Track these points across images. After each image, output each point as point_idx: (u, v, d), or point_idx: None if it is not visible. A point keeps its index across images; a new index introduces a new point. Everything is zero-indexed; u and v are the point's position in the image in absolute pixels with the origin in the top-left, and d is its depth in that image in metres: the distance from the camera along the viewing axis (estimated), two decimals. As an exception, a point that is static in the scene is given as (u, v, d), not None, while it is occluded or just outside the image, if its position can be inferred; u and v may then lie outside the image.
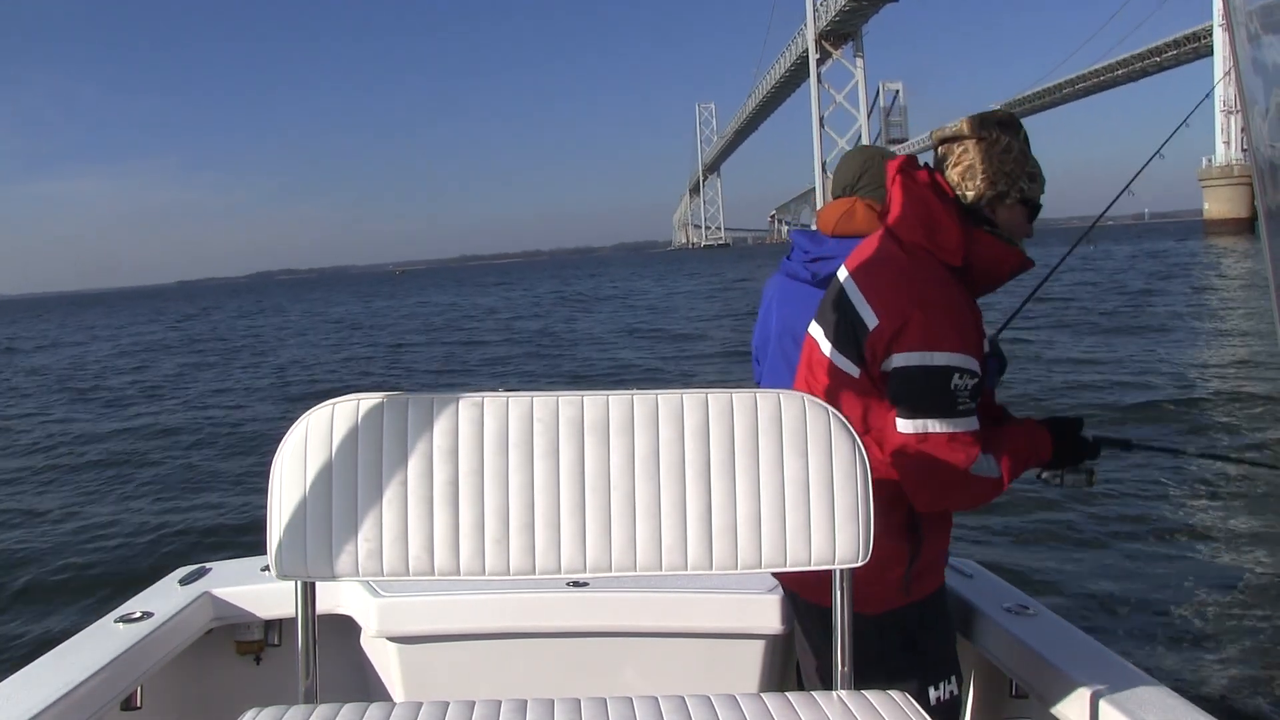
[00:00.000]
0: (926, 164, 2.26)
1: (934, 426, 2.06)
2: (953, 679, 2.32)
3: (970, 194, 2.15)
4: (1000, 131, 2.15)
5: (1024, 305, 3.42)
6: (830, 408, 1.97)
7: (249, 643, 2.94)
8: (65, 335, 50.30)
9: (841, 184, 2.84)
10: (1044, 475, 2.41)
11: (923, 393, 2.07)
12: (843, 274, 2.27)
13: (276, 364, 25.05)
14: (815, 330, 2.33)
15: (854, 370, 2.18)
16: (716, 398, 1.96)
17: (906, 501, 2.16)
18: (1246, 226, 71.07)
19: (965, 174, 2.15)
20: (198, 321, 55.18)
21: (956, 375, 2.04)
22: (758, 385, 3.01)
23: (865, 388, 2.17)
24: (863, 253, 2.27)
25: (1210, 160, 77.19)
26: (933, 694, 2.26)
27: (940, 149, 2.23)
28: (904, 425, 2.09)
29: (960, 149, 2.17)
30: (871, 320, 2.13)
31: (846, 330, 2.19)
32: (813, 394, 2.07)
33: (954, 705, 2.32)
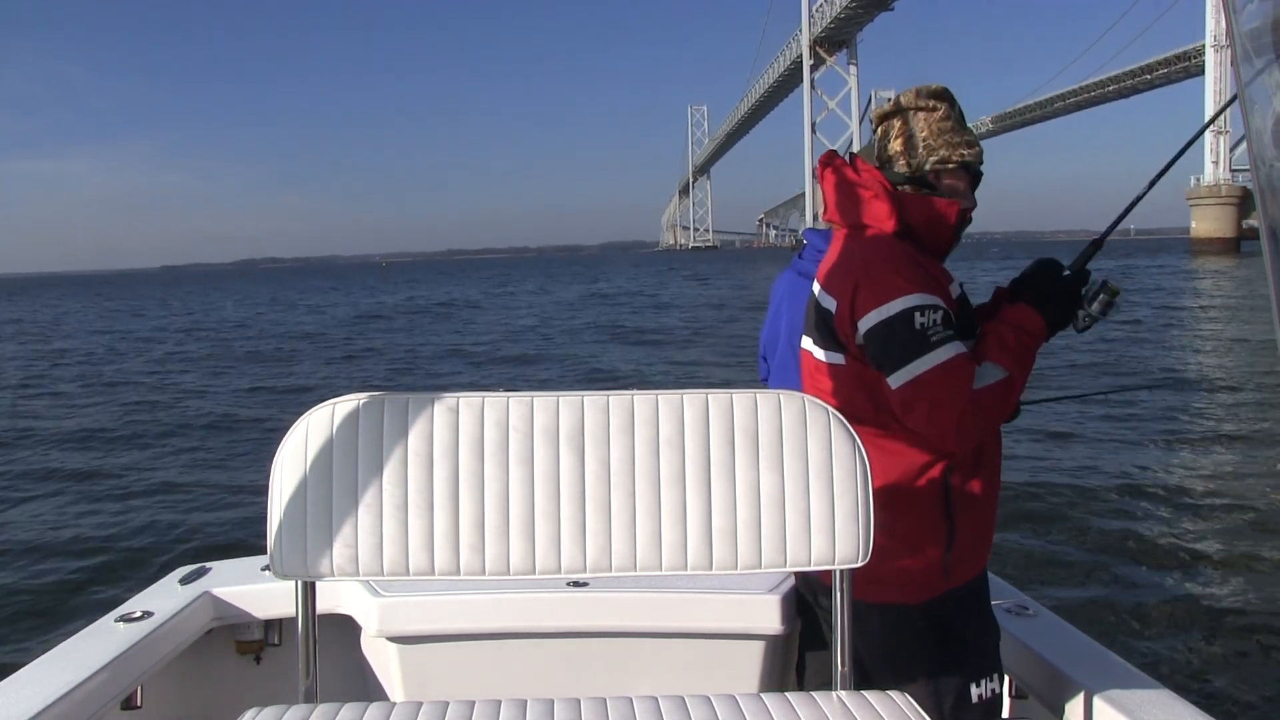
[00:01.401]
0: (850, 153, 2.33)
1: (919, 368, 2.05)
2: (995, 676, 2.26)
3: (914, 162, 2.20)
4: (934, 100, 2.21)
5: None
6: (830, 408, 1.97)
7: (249, 642, 2.93)
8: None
9: None
10: (1076, 328, 2.30)
11: (894, 343, 2.07)
12: (815, 283, 2.32)
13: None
14: (806, 342, 2.35)
15: (840, 359, 2.21)
16: (716, 398, 1.97)
17: (939, 475, 2.16)
18: (1233, 246, 71.60)
19: (906, 144, 2.20)
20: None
21: (918, 314, 2.05)
22: (764, 383, 3.03)
23: (857, 370, 2.18)
24: (826, 257, 2.34)
25: (1199, 179, 77.70)
26: (974, 691, 2.22)
27: (880, 126, 2.27)
28: (894, 381, 2.09)
29: (900, 122, 2.22)
30: (832, 304, 2.19)
31: (822, 325, 2.24)
32: (822, 399, 2.08)
33: (995, 704, 2.28)
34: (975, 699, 2.22)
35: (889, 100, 2.30)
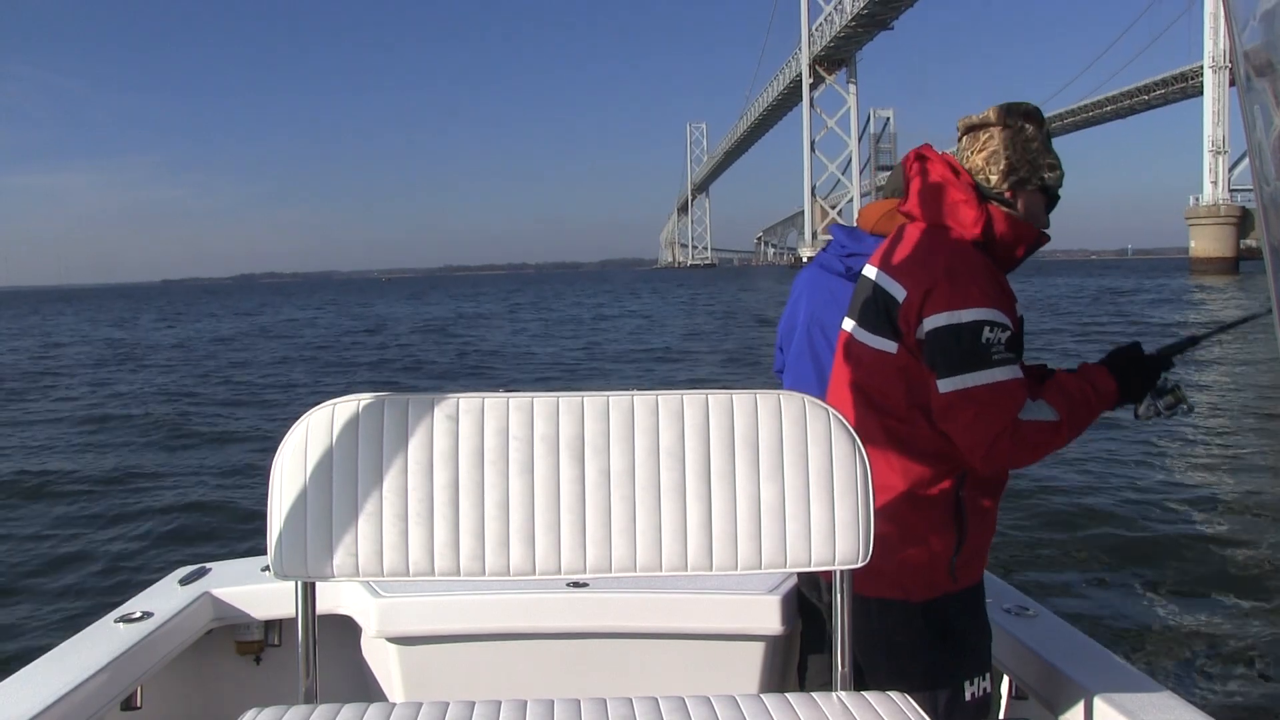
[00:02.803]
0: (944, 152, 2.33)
1: (973, 380, 2.06)
2: (987, 676, 2.29)
3: (994, 178, 2.21)
4: (1025, 121, 2.22)
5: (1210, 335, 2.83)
6: (830, 408, 1.97)
7: (249, 643, 2.93)
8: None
9: (893, 187, 2.88)
10: (1138, 412, 2.31)
11: (956, 350, 2.08)
12: (869, 269, 2.32)
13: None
14: (847, 324, 2.35)
15: (891, 347, 2.20)
16: (717, 398, 1.97)
17: (951, 484, 2.16)
18: (1231, 266, 71.84)
19: (990, 159, 2.22)
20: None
21: (987, 329, 2.06)
22: (778, 373, 3.09)
23: (905, 362, 2.19)
24: (888, 243, 2.34)
25: (1198, 199, 78.04)
26: (968, 689, 2.24)
27: (965, 136, 2.29)
28: (944, 385, 2.09)
29: (986, 135, 2.23)
30: (900, 293, 2.18)
31: (879, 311, 2.23)
32: (854, 383, 2.11)
33: (986, 703, 2.30)
34: (969, 697, 2.24)
35: (964, 120, 2.29)
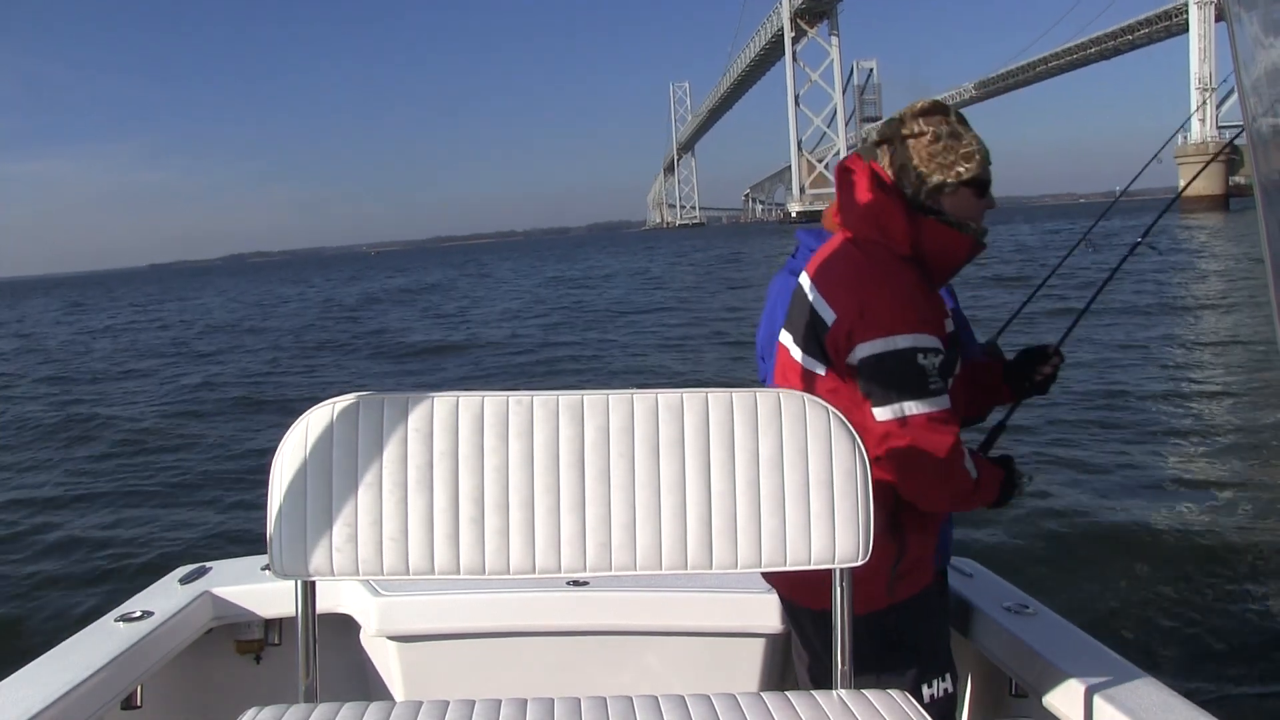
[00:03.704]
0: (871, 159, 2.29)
1: (911, 409, 2.06)
2: (946, 676, 2.30)
3: (909, 190, 2.17)
4: (923, 123, 2.17)
5: (1021, 308, 3.26)
6: (830, 407, 1.97)
7: (249, 642, 2.94)
8: None
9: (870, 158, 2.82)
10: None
11: (892, 376, 2.07)
12: (804, 278, 2.28)
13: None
14: (784, 337, 2.32)
15: (820, 369, 2.19)
16: (716, 397, 1.96)
17: (888, 501, 2.14)
18: (1222, 203, 71.95)
19: (900, 173, 2.19)
20: None
21: (921, 355, 2.06)
22: (763, 383, 3.00)
23: (834, 385, 2.16)
24: (821, 254, 2.29)
25: (1186, 137, 77.83)
26: (926, 692, 2.25)
27: (877, 150, 2.25)
28: (881, 413, 2.09)
29: (890, 151, 2.20)
30: (829, 316, 2.15)
31: (809, 331, 2.20)
32: None
33: (948, 702, 2.31)
34: (928, 699, 2.23)
35: (879, 131, 2.28)
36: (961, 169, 2.15)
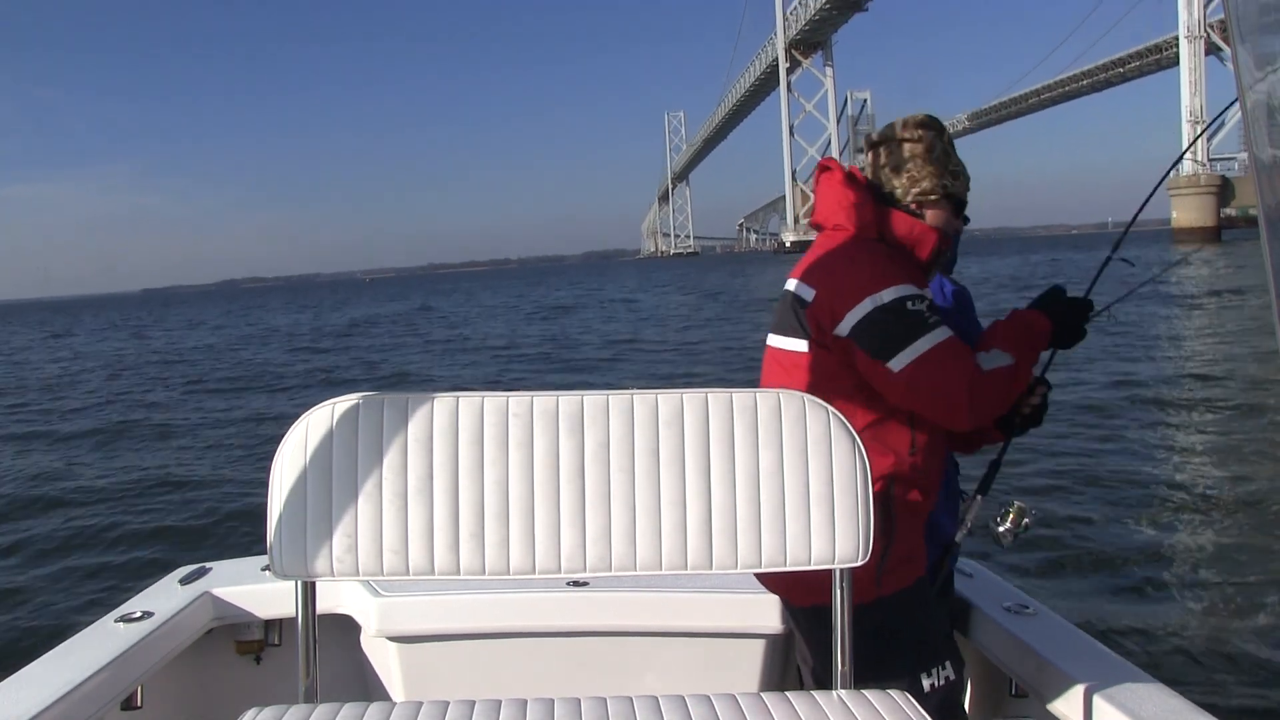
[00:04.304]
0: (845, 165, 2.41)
1: (922, 346, 2.12)
2: (947, 664, 2.30)
3: (898, 190, 2.29)
4: (923, 131, 2.30)
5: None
6: (830, 408, 1.98)
7: (249, 642, 2.93)
8: None
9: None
10: (998, 538, 2.51)
11: (890, 327, 2.13)
12: (790, 282, 2.39)
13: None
14: (773, 339, 2.39)
15: (802, 345, 2.26)
16: (716, 398, 1.97)
17: (882, 488, 2.19)
18: (1213, 234, 72.41)
19: (893, 173, 2.31)
20: None
21: (909, 301, 2.14)
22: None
23: (815, 355, 2.24)
24: (806, 256, 2.41)
25: (1178, 170, 78.36)
26: (926, 682, 2.27)
27: (870, 152, 2.38)
28: (896, 364, 2.13)
29: (886, 151, 2.34)
30: (809, 294, 2.25)
31: (789, 315, 2.30)
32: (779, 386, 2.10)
33: (951, 689, 2.31)
34: (928, 689, 2.26)
35: (867, 136, 2.44)
36: (948, 182, 2.29)
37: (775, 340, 2.35)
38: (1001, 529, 2.49)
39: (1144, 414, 11.78)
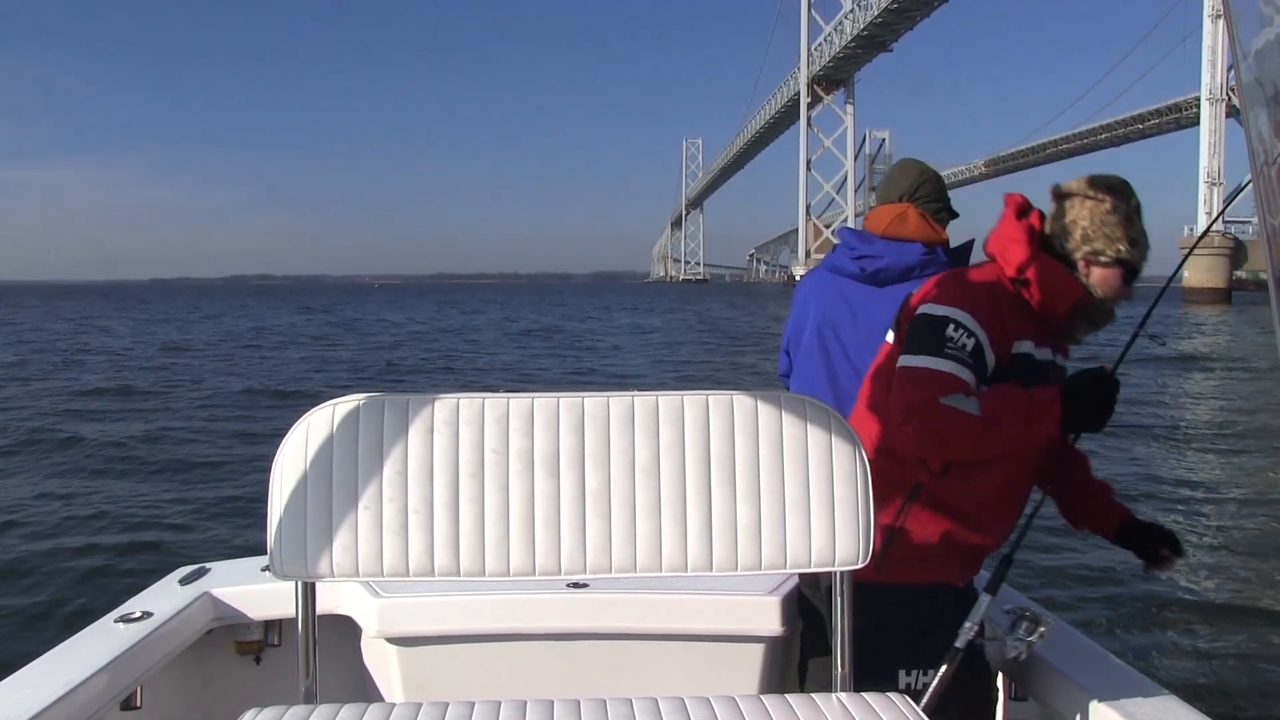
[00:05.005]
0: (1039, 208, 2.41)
1: (919, 361, 2.20)
2: (929, 672, 2.29)
3: (1068, 245, 2.29)
4: (1107, 194, 2.28)
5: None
6: (830, 409, 1.98)
7: (249, 643, 2.93)
8: None
9: (897, 191, 2.97)
10: (1006, 653, 2.34)
11: (920, 333, 2.24)
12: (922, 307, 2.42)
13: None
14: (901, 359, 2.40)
15: (890, 337, 2.42)
16: (717, 399, 1.97)
17: (909, 481, 2.28)
18: (1224, 296, 72.32)
19: (1068, 227, 2.29)
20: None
21: (952, 325, 2.19)
22: (783, 376, 3.13)
23: (894, 350, 2.35)
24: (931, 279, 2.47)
25: (1192, 230, 78.54)
26: (903, 679, 2.29)
27: (1053, 202, 2.37)
28: (900, 361, 2.25)
29: (1068, 204, 2.32)
30: (914, 294, 2.39)
31: (898, 316, 2.43)
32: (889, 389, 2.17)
33: (924, 695, 2.28)
34: (903, 686, 2.28)
35: (1053, 186, 2.37)
36: (1123, 247, 2.26)
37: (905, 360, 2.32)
38: (1010, 641, 2.32)
39: (1150, 435, 11.75)
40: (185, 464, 11.81)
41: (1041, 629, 2.31)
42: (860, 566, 1.96)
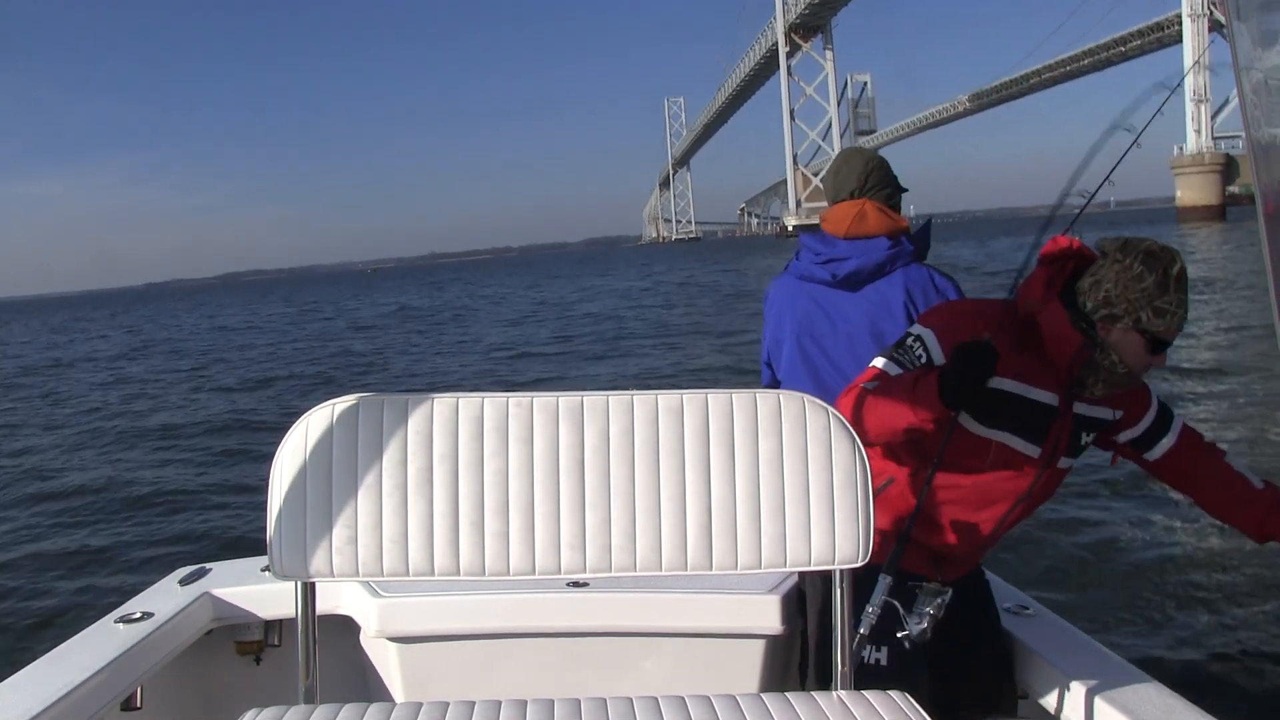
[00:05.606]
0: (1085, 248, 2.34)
1: (871, 360, 2.35)
2: (884, 650, 2.34)
3: (1089, 304, 2.24)
4: (1137, 260, 2.19)
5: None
6: (830, 408, 1.99)
7: (249, 643, 2.94)
8: None
9: (847, 188, 2.92)
10: (912, 637, 2.20)
11: (892, 340, 2.37)
12: None
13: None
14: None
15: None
16: (716, 398, 1.97)
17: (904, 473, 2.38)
18: (1218, 213, 72.20)
19: (1092, 286, 2.24)
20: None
21: (912, 339, 2.30)
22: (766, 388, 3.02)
23: None
24: None
25: (1182, 148, 78.26)
26: (864, 653, 2.32)
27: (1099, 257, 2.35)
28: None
29: (1099, 264, 2.26)
30: None
31: None
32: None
33: (872, 673, 2.30)
34: (865, 660, 2.31)
35: (1098, 243, 2.33)
36: (1144, 315, 2.17)
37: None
38: (914, 621, 2.18)
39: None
40: (186, 464, 11.86)
41: (939, 599, 2.17)
42: (860, 565, 1.95)
